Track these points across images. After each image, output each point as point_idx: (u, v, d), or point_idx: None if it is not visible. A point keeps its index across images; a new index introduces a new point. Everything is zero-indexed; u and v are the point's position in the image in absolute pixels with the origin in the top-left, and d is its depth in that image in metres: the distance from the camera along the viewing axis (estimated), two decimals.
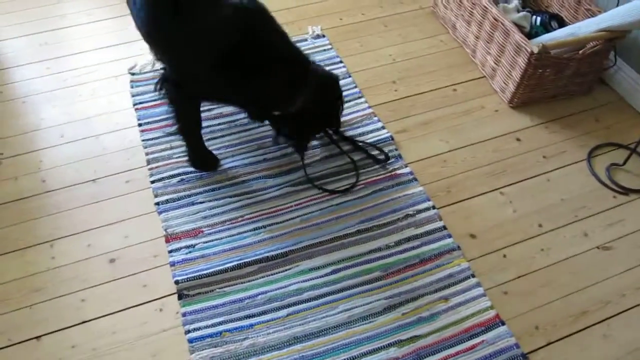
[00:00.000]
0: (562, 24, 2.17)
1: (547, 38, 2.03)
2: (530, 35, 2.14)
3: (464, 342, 1.48)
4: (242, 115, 2.02)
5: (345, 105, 2.06)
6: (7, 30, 2.39)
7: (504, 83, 2.10)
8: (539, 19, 2.18)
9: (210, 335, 1.49)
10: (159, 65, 2.17)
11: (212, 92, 1.68)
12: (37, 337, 1.48)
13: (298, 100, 1.64)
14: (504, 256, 1.68)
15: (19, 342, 1.47)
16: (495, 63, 2.14)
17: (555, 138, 2.01)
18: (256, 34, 1.52)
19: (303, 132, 1.79)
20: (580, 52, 1.95)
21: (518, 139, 2.00)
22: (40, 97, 2.12)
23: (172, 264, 1.61)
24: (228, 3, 1.48)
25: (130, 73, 2.19)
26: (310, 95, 1.64)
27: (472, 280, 1.60)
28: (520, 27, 2.08)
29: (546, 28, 2.16)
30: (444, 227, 1.72)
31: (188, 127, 1.77)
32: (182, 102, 1.69)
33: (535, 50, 1.88)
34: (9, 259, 1.64)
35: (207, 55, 1.52)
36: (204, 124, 1.93)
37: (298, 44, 1.66)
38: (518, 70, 1.99)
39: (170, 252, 1.64)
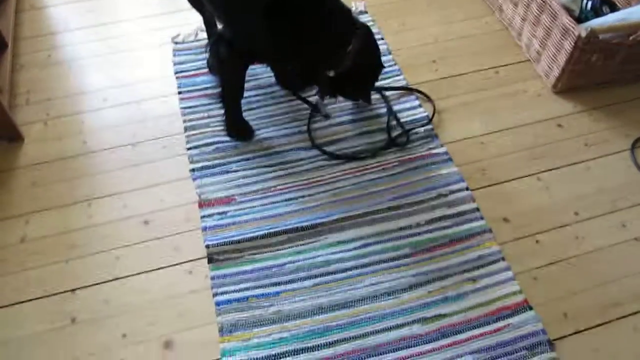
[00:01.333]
0: (614, 8, 2.10)
1: (596, 22, 1.96)
2: (579, 19, 2.07)
3: (490, 324, 1.47)
4: (278, 87, 2.03)
5: (384, 82, 2.06)
6: None
7: (549, 67, 2.05)
8: (589, 2, 2.11)
9: (237, 300, 1.51)
10: (202, 34, 2.19)
11: (264, 46, 1.65)
12: (72, 290, 1.54)
13: (350, 54, 1.62)
14: (537, 242, 1.65)
15: (55, 294, 1.53)
16: (540, 46, 2.08)
17: (598, 126, 1.95)
18: None
19: (358, 90, 1.77)
20: (631, 37, 1.88)
21: (560, 125, 1.95)
22: (86, 61, 2.17)
23: (204, 229, 1.64)
24: None
25: (173, 42, 2.22)
26: (361, 49, 1.61)
27: (502, 264, 1.58)
28: (569, 11, 2.02)
29: (597, 12, 2.09)
30: (477, 209, 1.70)
31: (232, 92, 1.79)
32: (233, 63, 1.70)
33: (583, 33, 1.82)
34: (48, 214, 1.70)
35: (257, 3, 1.52)
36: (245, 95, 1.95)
37: None
38: (564, 55, 1.93)
39: (202, 217, 1.67)
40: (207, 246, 1.60)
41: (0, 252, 1.62)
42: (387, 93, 2.01)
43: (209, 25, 2.05)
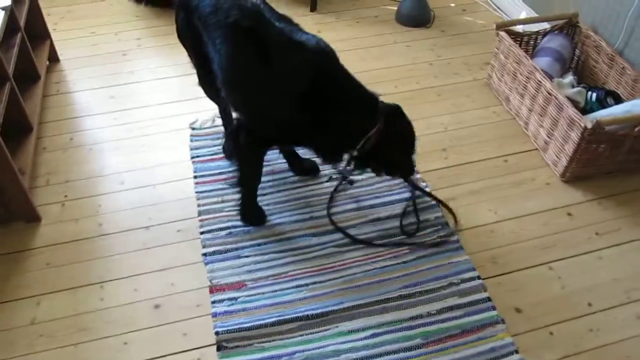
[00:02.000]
0: (618, 100, 2.16)
1: (602, 114, 2.02)
2: (585, 110, 2.14)
3: None
4: (291, 173, 2.08)
5: None
6: (82, 82, 2.57)
7: (557, 157, 2.09)
8: (594, 94, 2.18)
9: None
10: (218, 121, 2.26)
11: (288, 135, 1.71)
12: None
13: (372, 135, 1.65)
14: (551, 333, 1.62)
15: None
16: (548, 136, 2.13)
17: (609, 215, 1.97)
18: (330, 73, 1.60)
19: (390, 164, 1.78)
20: (637, 129, 1.93)
21: (569, 214, 1.97)
22: (106, 145, 2.25)
23: (215, 315, 1.63)
24: (306, 46, 1.57)
25: (191, 128, 2.30)
26: (382, 126, 1.65)
27: (515, 357, 1.55)
28: (574, 102, 2.09)
29: (602, 104, 2.15)
30: (489, 299, 1.69)
31: (249, 178, 1.83)
32: (252, 149, 1.75)
33: (589, 125, 1.87)
34: (61, 296, 1.71)
35: (289, 97, 1.59)
36: None
37: None
38: (571, 145, 1.98)
39: (213, 302, 1.67)
40: (217, 332, 1.59)
41: (9, 334, 1.61)
42: (398, 180, 2.04)
43: (225, 113, 2.12)
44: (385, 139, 1.66)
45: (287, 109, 1.60)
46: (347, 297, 1.69)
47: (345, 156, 1.73)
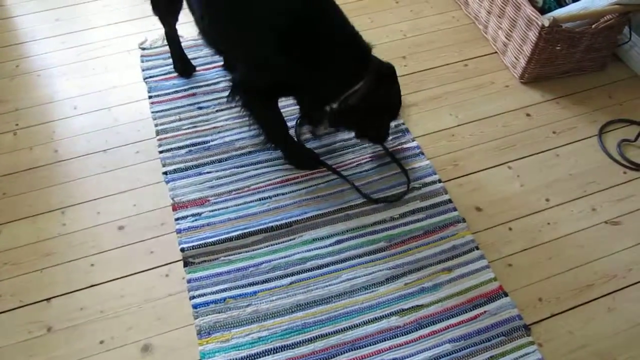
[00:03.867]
0: None
1: (559, 12, 2.00)
2: (543, 10, 2.10)
3: (467, 312, 1.49)
4: None
5: None
6: (23, 6, 2.43)
7: (515, 58, 2.08)
8: None
9: (215, 302, 1.51)
10: (164, 41, 2.15)
11: (277, 80, 1.60)
12: (48, 299, 1.52)
13: (358, 90, 1.57)
14: (510, 229, 1.67)
15: (30, 304, 1.52)
16: (506, 38, 2.11)
17: (566, 114, 1.99)
18: (318, 11, 1.50)
19: (365, 126, 1.71)
20: (593, 26, 1.93)
21: (528, 114, 1.99)
22: (55, 70, 2.15)
23: (179, 231, 1.64)
24: None
25: (140, 48, 2.21)
26: (370, 83, 1.56)
27: (476, 253, 1.60)
28: (532, 2, 2.05)
29: (560, 3, 2.12)
30: (450, 201, 1.72)
31: (273, 131, 1.75)
32: (257, 104, 1.66)
33: (546, 23, 1.86)
34: (21, 224, 1.68)
35: (272, 31, 1.48)
36: (215, 97, 1.96)
37: None
38: (529, 45, 1.97)
39: (177, 219, 1.67)
40: (182, 249, 1.60)
41: None
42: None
43: (171, 36, 2.04)
44: (371, 99, 1.58)
45: (272, 47, 1.50)
46: (310, 207, 1.71)
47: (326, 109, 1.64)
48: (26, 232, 1.67)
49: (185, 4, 1.78)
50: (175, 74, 2.07)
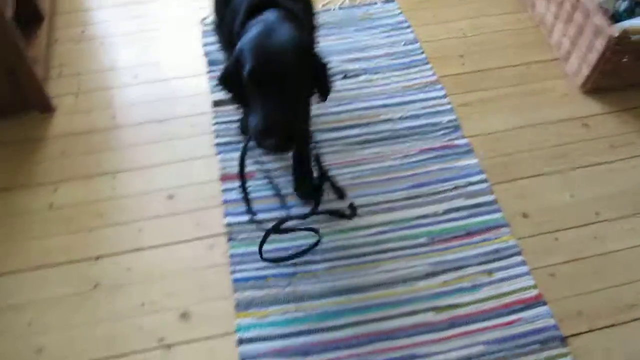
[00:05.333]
0: None
1: (630, 23, 1.94)
2: (613, 20, 2.05)
3: (502, 316, 1.48)
4: None
5: (408, 70, 2.06)
6: None
7: (578, 67, 2.03)
8: (624, 3, 2.08)
9: (255, 278, 1.54)
10: None
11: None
12: (96, 258, 1.58)
13: None
14: (556, 239, 1.65)
15: (79, 260, 1.58)
16: (571, 45, 2.07)
17: (626, 128, 1.94)
18: None
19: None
20: None
21: (585, 125, 1.94)
22: (118, 39, 2.21)
23: (225, 202, 1.68)
24: None
25: (202, 23, 2.25)
26: None
27: (518, 258, 1.59)
28: (602, 11, 2.00)
29: (631, 14, 2.06)
30: (495, 202, 1.70)
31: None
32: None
33: (616, 34, 1.81)
34: (76, 184, 1.75)
35: None
36: None
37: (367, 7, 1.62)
38: (595, 54, 1.92)
39: (224, 190, 1.71)
40: (228, 223, 1.63)
41: (28, 217, 1.67)
42: (412, 82, 2.01)
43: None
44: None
45: None
46: (353, 192, 1.72)
47: None
48: (80, 192, 1.73)
49: None
50: None
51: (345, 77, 2.02)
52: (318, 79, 1.36)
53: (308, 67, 1.30)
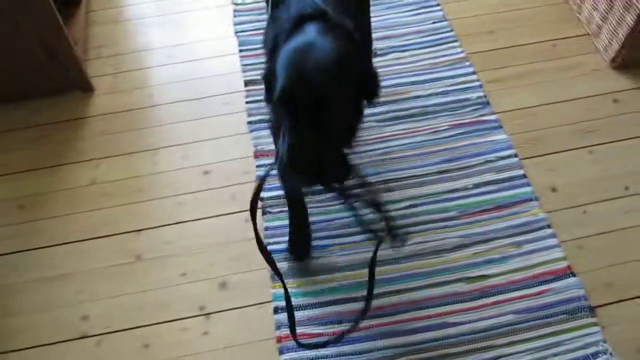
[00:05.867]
0: None
1: None
2: None
3: (532, 287, 1.52)
4: None
5: (437, 48, 2.08)
6: None
7: (609, 42, 2.02)
8: None
9: (287, 250, 1.60)
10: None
11: None
12: (138, 231, 1.66)
13: None
14: (584, 212, 1.67)
15: (122, 233, 1.66)
16: (601, 20, 2.05)
17: None
18: None
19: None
20: None
21: (616, 100, 1.94)
22: (152, 20, 2.27)
23: (258, 178, 1.73)
24: None
25: (233, 3, 2.29)
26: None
27: (548, 231, 1.61)
28: None
29: None
30: (524, 176, 1.73)
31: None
32: None
33: None
34: (117, 160, 1.82)
35: None
36: None
37: None
38: (625, 28, 1.91)
39: (257, 166, 1.77)
40: (262, 198, 1.69)
41: (72, 192, 1.75)
42: (440, 59, 2.03)
43: None
44: None
45: None
46: (384, 168, 1.76)
47: None
48: (121, 168, 1.81)
49: None
50: None
51: (374, 55, 2.05)
52: (366, 90, 1.23)
53: (351, 88, 1.15)
